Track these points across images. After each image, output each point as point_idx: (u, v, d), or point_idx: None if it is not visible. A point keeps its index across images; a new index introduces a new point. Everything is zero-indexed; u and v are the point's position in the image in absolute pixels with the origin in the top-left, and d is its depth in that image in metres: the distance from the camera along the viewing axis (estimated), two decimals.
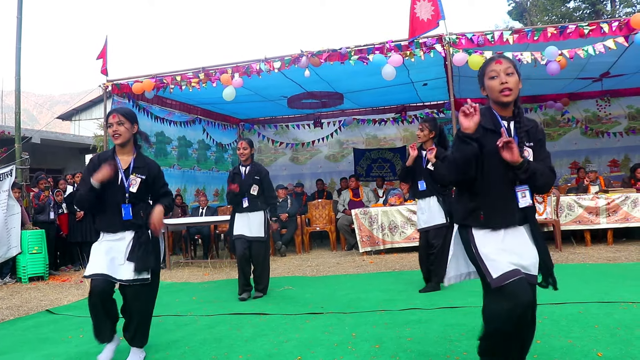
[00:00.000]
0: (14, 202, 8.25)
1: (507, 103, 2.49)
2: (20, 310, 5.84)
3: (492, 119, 2.53)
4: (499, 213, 2.47)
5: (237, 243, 5.76)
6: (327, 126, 13.12)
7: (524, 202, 2.47)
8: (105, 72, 9.20)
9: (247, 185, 5.80)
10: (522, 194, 2.47)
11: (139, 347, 3.66)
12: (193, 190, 12.00)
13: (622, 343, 3.36)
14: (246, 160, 5.91)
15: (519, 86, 2.50)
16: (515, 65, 2.51)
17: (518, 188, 2.47)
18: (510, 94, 2.45)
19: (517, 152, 2.40)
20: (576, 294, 4.77)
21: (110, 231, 3.55)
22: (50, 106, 79.88)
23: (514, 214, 2.47)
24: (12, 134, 10.57)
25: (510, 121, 2.53)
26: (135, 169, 3.59)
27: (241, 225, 5.78)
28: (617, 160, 11.94)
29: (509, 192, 2.48)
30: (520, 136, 2.48)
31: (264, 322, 4.55)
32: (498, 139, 2.41)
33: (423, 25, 7.51)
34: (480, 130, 2.45)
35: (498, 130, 2.49)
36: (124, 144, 3.59)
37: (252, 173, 5.87)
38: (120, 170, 3.57)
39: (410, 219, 8.44)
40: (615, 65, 9.03)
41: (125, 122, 3.53)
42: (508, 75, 2.44)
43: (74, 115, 23.57)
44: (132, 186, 3.54)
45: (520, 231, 2.51)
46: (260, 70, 8.35)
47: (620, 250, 7.54)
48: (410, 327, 4.08)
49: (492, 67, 2.49)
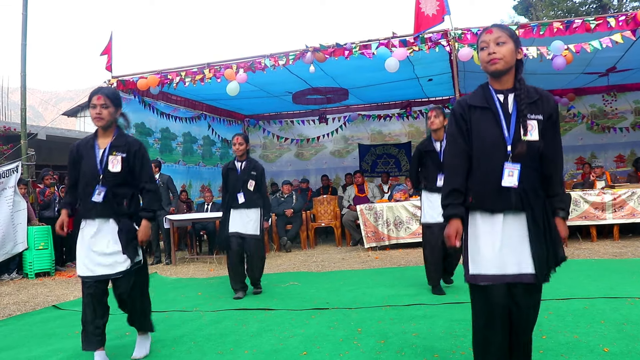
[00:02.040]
0: (20, 198, 8.28)
1: (497, 72, 2.35)
2: (27, 306, 5.87)
3: (483, 95, 2.43)
4: (490, 194, 2.36)
5: (232, 239, 5.62)
6: (332, 122, 13.10)
7: (509, 182, 2.31)
8: (110, 69, 9.20)
9: (243, 181, 5.67)
10: (509, 172, 2.32)
11: (145, 331, 3.68)
12: (198, 186, 12.02)
13: (628, 338, 3.35)
14: (242, 155, 5.75)
15: (516, 55, 2.37)
16: (512, 34, 2.37)
17: (507, 164, 2.33)
18: (498, 62, 2.32)
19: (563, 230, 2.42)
20: (582, 289, 4.76)
21: (88, 217, 3.43)
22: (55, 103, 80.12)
23: (509, 195, 2.33)
24: (18, 130, 10.62)
25: (508, 94, 2.39)
26: (114, 148, 3.43)
27: (236, 221, 5.66)
28: (623, 155, 11.88)
29: (499, 169, 2.34)
30: (521, 109, 2.33)
31: (270, 318, 4.56)
32: (489, 115, 2.37)
33: (428, 20, 7.49)
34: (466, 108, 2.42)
35: (490, 106, 2.39)
36: (105, 127, 3.45)
37: (248, 169, 5.72)
38: (97, 152, 3.44)
39: (416, 215, 8.42)
40: (622, 59, 8.98)
41: (110, 105, 3.40)
42: (498, 45, 2.33)
43: (79, 112, 23.61)
44: (114, 166, 3.39)
45: (522, 221, 2.37)
46: (265, 66, 8.34)
47: (626, 246, 7.51)
48: (415, 322, 4.08)
49: (482, 37, 2.39)
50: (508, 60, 2.34)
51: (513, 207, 2.35)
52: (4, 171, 8.14)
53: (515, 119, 2.36)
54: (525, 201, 2.35)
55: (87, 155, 3.46)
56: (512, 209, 2.36)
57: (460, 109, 2.46)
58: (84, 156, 3.47)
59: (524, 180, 2.34)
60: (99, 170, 3.41)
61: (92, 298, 3.40)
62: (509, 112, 2.38)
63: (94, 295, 3.39)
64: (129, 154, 3.45)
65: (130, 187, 3.52)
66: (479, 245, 2.40)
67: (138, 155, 3.49)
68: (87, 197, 3.42)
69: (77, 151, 3.52)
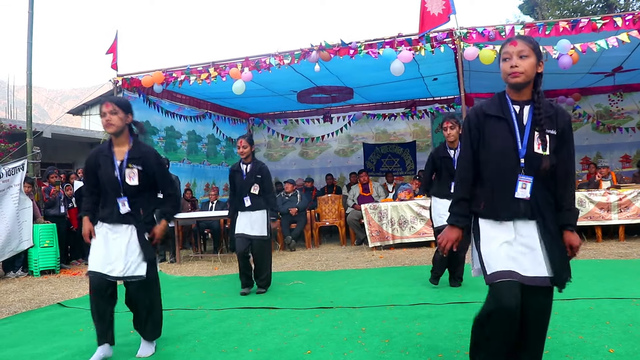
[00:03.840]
0: (25, 196, 8.31)
1: (517, 85, 2.38)
2: (32, 303, 5.89)
3: (500, 105, 2.45)
4: (500, 202, 2.39)
5: (237, 241, 5.72)
6: (336, 121, 13.07)
7: (522, 194, 2.36)
8: (116, 67, 9.23)
9: (249, 184, 5.72)
10: (522, 185, 2.36)
11: (149, 340, 3.70)
12: (202, 184, 12.04)
13: (634, 339, 3.33)
14: (247, 158, 5.79)
15: (537, 69, 2.38)
16: (535, 47, 2.38)
17: (521, 177, 2.37)
18: (519, 76, 2.34)
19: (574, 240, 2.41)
20: (587, 290, 4.73)
21: (108, 222, 3.54)
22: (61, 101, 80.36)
23: (519, 204, 2.37)
24: (23, 128, 10.65)
25: (524, 105, 2.42)
26: (131, 160, 3.52)
27: (243, 223, 5.72)
28: (629, 155, 11.83)
29: (512, 180, 2.38)
30: (536, 120, 2.37)
31: (274, 316, 4.56)
32: (503, 125, 2.40)
33: (434, 19, 7.48)
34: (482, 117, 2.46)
35: (506, 116, 2.42)
36: (117, 133, 3.52)
37: (254, 172, 5.75)
38: (115, 163, 3.52)
39: (420, 214, 8.41)
40: (629, 59, 8.94)
41: (119, 111, 3.47)
42: (521, 58, 2.35)
43: (84, 110, 23.68)
44: (132, 179, 3.49)
45: (532, 228, 2.39)
46: (270, 64, 8.34)
47: (631, 247, 7.48)
48: (420, 322, 4.07)
49: (505, 48, 2.41)
50: (529, 74, 2.37)
51: (522, 215, 2.38)
52: (10, 169, 8.16)
53: (529, 131, 2.38)
54: (535, 210, 2.38)
55: (105, 165, 3.54)
56: (521, 217, 2.39)
57: (475, 117, 2.50)
58: (102, 165, 3.55)
59: (536, 192, 2.38)
60: (119, 182, 3.50)
61: (97, 296, 3.46)
62: (523, 124, 2.41)
63: (98, 294, 3.46)
64: (145, 167, 3.54)
65: (146, 195, 3.62)
66: (492, 247, 2.41)
67: (155, 167, 3.59)
68: (108, 204, 3.55)
69: (96, 159, 3.60)
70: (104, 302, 3.48)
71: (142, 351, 3.62)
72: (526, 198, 2.37)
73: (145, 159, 3.55)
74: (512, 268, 2.35)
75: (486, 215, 2.45)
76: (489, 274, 2.39)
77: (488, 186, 2.44)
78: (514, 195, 2.38)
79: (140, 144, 3.63)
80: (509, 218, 2.40)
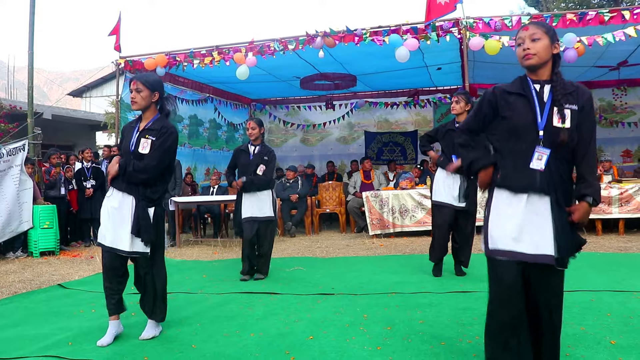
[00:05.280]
0: (26, 177, 8.27)
1: (531, 67, 2.46)
2: (32, 284, 5.89)
3: (521, 84, 2.52)
4: (517, 172, 2.45)
5: (245, 226, 5.67)
6: (338, 108, 13.02)
7: (537, 165, 2.41)
8: (119, 49, 9.17)
9: (255, 165, 5.72)
10: (538, 156, 2.42)
11: (158, 321, 3.72)
12: (203, 169, 12.01)
13: (635, 332, 3.36)
14: (256, 139, 5.80)
15: (552, 50, 2.46)
16: (548, 30, 2.47)
17: (538, 148, 2.42)
18: (531, 58, 2.43)
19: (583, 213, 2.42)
20: (588, 282, 4.75)
21: (117, 187, 3.60)
22: (60, 82, 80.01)
23: (535, 176, 2.42)
24: (24, 109, 10.61)
25: (545, 84, 2.49)
26: (147, 131, 3.59)
27: (250, 205, 5.70)
28: (630, 150, 11.82)
29: (529, 152, 2.44)
30: (556, 98, 2.43)
31: (275, 302, 4.57)
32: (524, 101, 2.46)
33: (440, 8, 7.42)
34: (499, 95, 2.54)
35: (526, 93, 2.48)
36: (143, 109, 3.63)
37: (262, 154, 5.76)
38: (135, 132, 3.62)
39: (421, 203, 8.41)
40: (634, 54, 8.89)
41: (144, 90, 3.56)
42: (533, 41, 2.43)
43: (84, 92, 23.63)
44: (144, 148, 3.55)
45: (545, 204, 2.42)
46: (274, 50, 8.29)
47: (631, 241, 7.49)
48: (421, 310, 4.08)
49: (519, 34, 2.50)
50: (542, 56, 2.44)
51: (538, 188, 2.41)
52: (11, 149, 8.13)
53: (549, 107, 2.44)
54: (550, 185, 2.41)
55: (128, 135, 3.68)
56: (537, 190, 2.42)
57: (493, 96, 2.57)
58: (126, 135, 3.69)
59: (551, 165, 2.42)
60: (131, 150, 3.58)
61: (108, 268, 3.57)
62: (543, 101, 2.47)
63: (109, 267, 3.56)
64: (157, 137, 3.57)
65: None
66: (500, 222, 2.47)
67: (163, 136, 3.57)
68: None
69: (124, 130, 3.78)
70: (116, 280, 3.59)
71: (146, 333, 3.63)
72: (540, 169, 2.41)
73: (162, 130, 3.58)
74: (515, 248, 2.41)
75: (502, 184, 2.50)
76: (491, 249, 2.48)
77: (508, 158, 2.50)
78: (529, 165, 2.43)
79: (163, 119, 3.68)
80: (524, 189, 2.43)
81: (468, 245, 5.43)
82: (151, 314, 3.69)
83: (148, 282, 3.65)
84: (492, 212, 2.52)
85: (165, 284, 3.76)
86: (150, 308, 3.68)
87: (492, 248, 2.48)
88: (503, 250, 2.43)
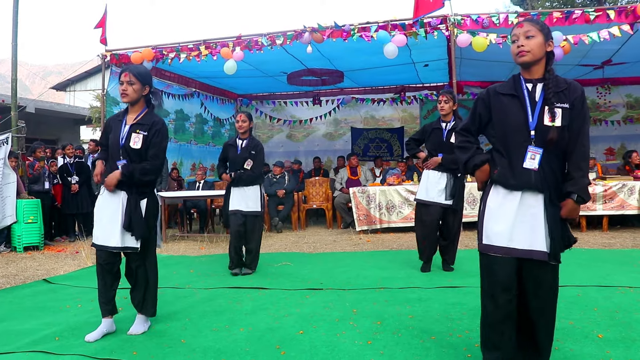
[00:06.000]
0: (10, 170, 8.15)
1: (525, 64, 2.49)
2: (17, 279, 5.82)
3: (513, 84, 2.55)
4: (512, 171, 2.49)
5: (231, 219, 5.68)
6: (325, 104, 13.02)
7: (530, 164, 2.45)
8: (105, 42, 9.07)
9: (242, 159, 5.71)
10: (531, 155, 2.46)
11: (148, 315, 3.69)
12: (189, 164, 11.94)
13: (621, 325, 3.40)
14: (244, 133, 5.79)
15: (546, 48, 2.49)
16: (542, 28, 2.50)
17: (531, 148, 2.46)
18: (525, 55, 2.45)
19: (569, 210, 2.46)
20: (574, 277, 4.80)
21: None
22: (43, 76, 78.96)
23: (529, 175, 2.46)
24: (7, 102, 10.45)
25: (537, 83, 2.52)
26: (137, 126, 3.53)
27: (237, 199, 5.70)
28: (613, 148, 11.97)
29: (522, 152, 2.48)
30: (548, 97, 2.45)
31: (264, 297, 4.56)
32: (515, 102, 2.50)
33: (428, 5, 7.45)
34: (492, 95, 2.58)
35: (518, 94, 2.51)
36: (132, 103, 3.58)
37: (249, 147, 5.76)
38: (123, 126, 3.56)
39: (408, 199, 8.44)
40: (618, 53, 9.00)
41: (136, 82, 3.51)
42: (527, 38, 2.46)
43: (68, 86, 23.33)
44: (135, 143, 3.49)
45: (538, 201, 2.47)
46: (262, 45, 8.26)
47: (615, 237, 7.59)
48: (410, 305, 4.10)
49: (514, 31, 2.54)
50: (535, 53, 2.47)
51: (533, 186, 2.46)
52: None
53: (540, 106, 2.48)
54: (544, 183, 2.45)
55: (115, 128, 3.60)
56: (532, 188, 2.46)
57: (487, 96, 2.61)
58: (113, 128, 3.62)
59: (544, 164, 2.46)
60: (120, 145, 3.52)
61: (102, 268, 3.53)
62: (535, 100, 2.51)
63: (103, 266, 3.53)
64: (149, 132, 3.53)
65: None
66: (493, 218, 2.52)
67: (156, 132, 3.54)
68: (111, 167, 3.57)
69: (109, 123, 3.71)
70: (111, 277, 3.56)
71: (135, 328, 3.60)
72: (534, 169, 2.45)
73: (153, 124, 3.54)
74: (508, 245, 2.47)
75: (498, 180, 2.54)
76: (484, 244, 2.53)
77: (503, 157, 2.54)
78: (523, 165, 2.47)
79: (152, 114, 3.64)
80: (519, 188, 2.48)
81: (453, 244, 5.48)
82: (141, 308, 3.65)
83: (140, 275, 3.62)
84: (487, 207, 2.56)
85: (156, 277, 3.74)
86: (140, 302, 3.65)
87: (485, 243, 2.52)
88: (497, 247, 2.48)
